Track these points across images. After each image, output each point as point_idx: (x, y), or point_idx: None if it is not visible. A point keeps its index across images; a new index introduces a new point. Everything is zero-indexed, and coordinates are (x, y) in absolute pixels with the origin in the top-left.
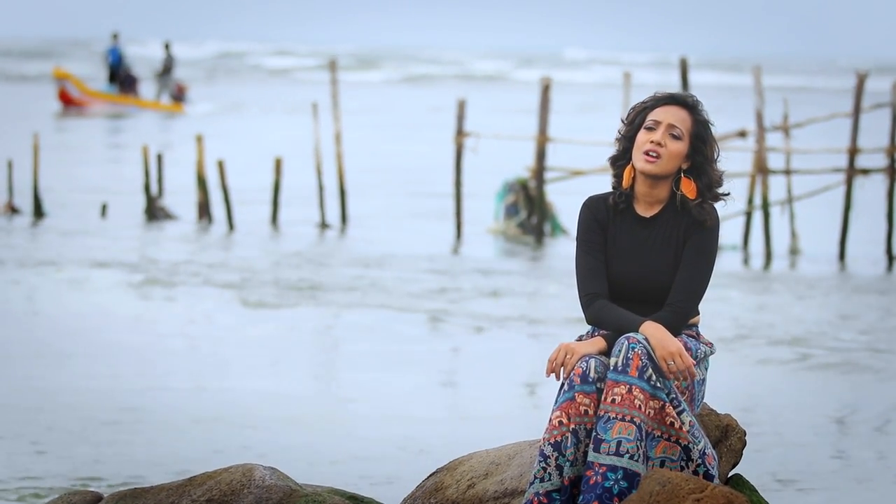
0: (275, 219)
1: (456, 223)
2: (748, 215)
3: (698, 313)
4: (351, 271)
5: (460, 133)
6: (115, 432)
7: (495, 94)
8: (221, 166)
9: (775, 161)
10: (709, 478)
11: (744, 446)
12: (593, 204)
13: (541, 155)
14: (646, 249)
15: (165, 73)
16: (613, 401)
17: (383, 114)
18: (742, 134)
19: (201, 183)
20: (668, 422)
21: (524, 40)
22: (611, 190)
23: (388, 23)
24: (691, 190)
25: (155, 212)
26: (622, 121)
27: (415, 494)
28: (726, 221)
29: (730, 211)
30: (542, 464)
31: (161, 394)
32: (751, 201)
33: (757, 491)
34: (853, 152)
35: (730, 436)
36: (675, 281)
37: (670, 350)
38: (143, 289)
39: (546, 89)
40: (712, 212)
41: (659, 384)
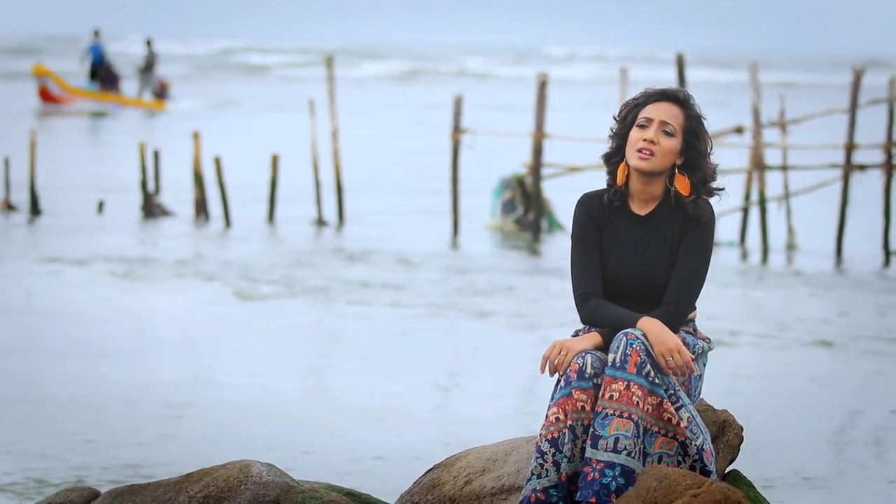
0: (271, 216)
1: (453, 220)
2: (745, 211)
3: (695, 308)
4: (347, 268)
5: (457, 129)
6: (115, 428)
7: (480, 91)
8: (218, 163)
9: (772, 157)
10: (705, 473)
11: (741, 442)
12: (588, 201)
13: (537, 151)
14: (641, 247)
15: (147, 69)
16: (611, 397)
17: (373, 111)
18: (738, 130)
19: (198, 180)
20: (665, 418)
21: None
22: (606, 187)
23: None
24: (685, 186)
25: (152, 209)
26: (614, 118)
27: (412, 491)
28: (723, 217)
29: (726, 207)
30: (539, 460)
31: (157, 389)
32: (748, 197)
33: (754, 486)
34: (850, 148)
35: (727, 432)
36: (672, 279)
37: (669, 346)
38: (139, 285)
39: (542, 85)
40: (707, 208)
41: (657, 380)
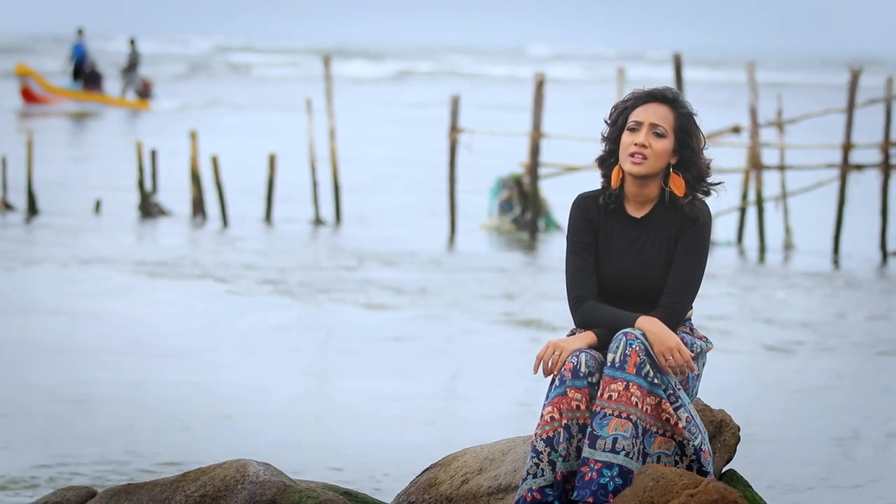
0: (268, 215)
1: (450, 219)
2: (742, 211)
3: (691, 308)
4: (345, 267)
5: (454, 129)
6: (110, 428)
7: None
8: (216, 162)
9: (769, 157)
10: (702, 473)
11: (738, 442)
12: (583, 202)
13: (535, 151)
14: (638, 249)
15: (131, 69)
16: (610, 397)
17: (365, 111)
18: (736, 130)
19: (195, 179)
20: (664, 418)
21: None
22: (601, 188)
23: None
24: (680, 187)
25: (149, 208)
26: (605, 121)
27: (409, 490)
28: (720, 217)
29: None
30: (535, 459)
31: (155, 389)
32: (745, 197)
33: (751, 486)
34: (847, 148)
35: (724, 431)
36: (669, 280)
37: (669, 345)
38: (137, 284)
39: (540, 85)
40: (704, 208)
41: (656, 380)
